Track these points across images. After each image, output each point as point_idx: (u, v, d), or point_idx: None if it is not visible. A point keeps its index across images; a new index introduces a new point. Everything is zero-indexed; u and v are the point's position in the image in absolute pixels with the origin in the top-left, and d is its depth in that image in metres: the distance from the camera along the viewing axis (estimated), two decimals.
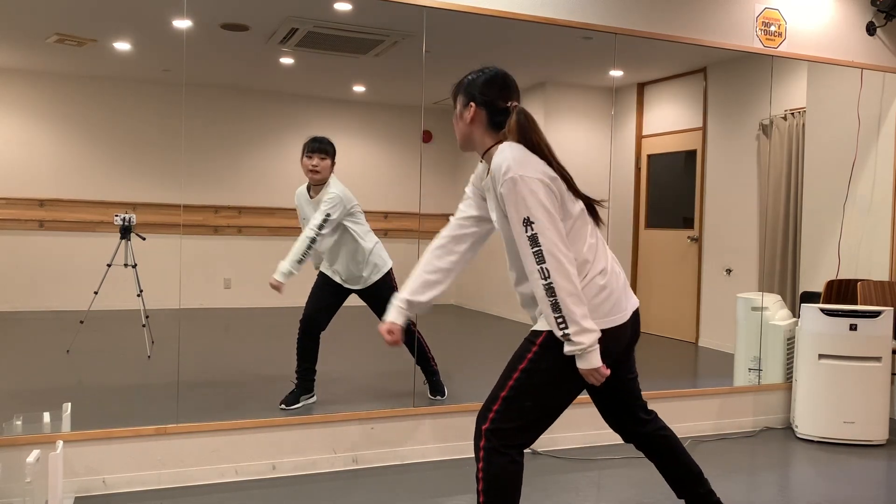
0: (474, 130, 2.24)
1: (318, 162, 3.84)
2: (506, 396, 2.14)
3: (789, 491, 3.40)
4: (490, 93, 2.22)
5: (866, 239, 4.76)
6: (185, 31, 3.49)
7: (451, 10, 3.58)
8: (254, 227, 5.88)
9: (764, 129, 5.12)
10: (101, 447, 3.09)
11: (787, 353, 4.44)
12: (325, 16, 4.50)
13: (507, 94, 2.23)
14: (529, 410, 2.14)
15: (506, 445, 2.13)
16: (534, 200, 2.03)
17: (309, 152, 3.87)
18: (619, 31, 3.92)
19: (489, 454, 2.12)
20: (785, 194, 5.08)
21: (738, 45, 4.20)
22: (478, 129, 2.24)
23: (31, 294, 5.36)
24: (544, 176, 2.07)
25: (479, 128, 2.23)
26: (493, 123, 2.21)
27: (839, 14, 4.46)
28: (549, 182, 2.07)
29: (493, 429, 2.13)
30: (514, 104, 2.21)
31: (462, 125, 2.27)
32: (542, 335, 2.15)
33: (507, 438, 2.13)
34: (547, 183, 2.06)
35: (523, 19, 3.71)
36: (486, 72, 2.27)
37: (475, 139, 2.25)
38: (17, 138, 5.36)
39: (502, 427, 2.13)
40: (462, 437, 3.70)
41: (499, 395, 2.15)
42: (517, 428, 2.14)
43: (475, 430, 2.18)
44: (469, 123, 2.24)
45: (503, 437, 2.13)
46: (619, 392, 2.37)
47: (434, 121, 6.22)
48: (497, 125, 2.20)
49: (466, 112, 2.24)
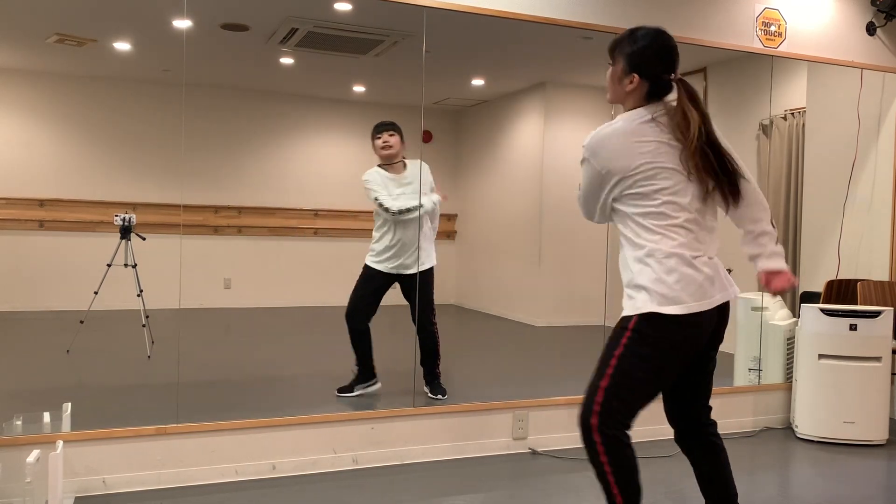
0: (629, 97, 2.23)
1: (387, 138, 4.03)
2: (607, 386, 2.14)
3: (789, 491, 3.40)
4: (658, 67, 2.20)
5: (866, 239, 4.76)
6: (185, 31, 3.49)
7: (451, 10, 3.57)
8: (254, 227, 5.88)
9: (764, 129, 5.13)
10: (101, 447, 3.09)
11: (787, 353, 4.45)
12: (325, 16, 4.50)
13: (672, 65, 2.21)
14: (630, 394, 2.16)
15: (619, 433, 2.15)
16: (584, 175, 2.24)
17: (379, 131, 4.05)
18: (619, 31, 3.92)
19: (609, 446, 2.13)
20: (785, 194, 5.09)
21: (738, 45, 4.20)
22: (633, 96, 2.22)
23: (31, 294, 5.36)
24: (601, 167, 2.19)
25: (635, 96, 2.22)
26: (651, 93, 2.21)
27: (839, 14, 4.46)
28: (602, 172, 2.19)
29: (602, 421, 2.13)
30: (675, 77, 2.20)
31: (620, 90, 2.25)
32: (633, 319, 2.16)
33: (616, 427, 2.14)
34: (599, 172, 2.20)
35: (523, 19, 3.71)
36: (655, 40, 2.23)
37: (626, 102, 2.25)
38: (17, 138, 5.36)
39: (609, 419, 2.14)
40: (462, 436, 3.70)
41: (599, 385, 2.15)
42: (622, 413, 2.15)
43: (582, 426, 2.17)
44: (627, 91, 2.23)
45: (613, 426, 2.14)
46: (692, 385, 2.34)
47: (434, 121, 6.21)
48: (653, 95, 2.21)
49: (627, 81, 2.21)
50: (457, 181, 6.56)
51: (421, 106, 3.90)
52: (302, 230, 5.99)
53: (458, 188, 6.54)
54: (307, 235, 6.00)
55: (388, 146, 4.03)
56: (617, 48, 2.27)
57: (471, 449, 3.71)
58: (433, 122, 5.24)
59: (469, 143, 6.52)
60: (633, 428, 2.21)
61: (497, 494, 3.22)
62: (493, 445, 3.75)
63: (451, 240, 6.35)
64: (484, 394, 3.99)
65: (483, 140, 6.52)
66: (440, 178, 5.63)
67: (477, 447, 3.72)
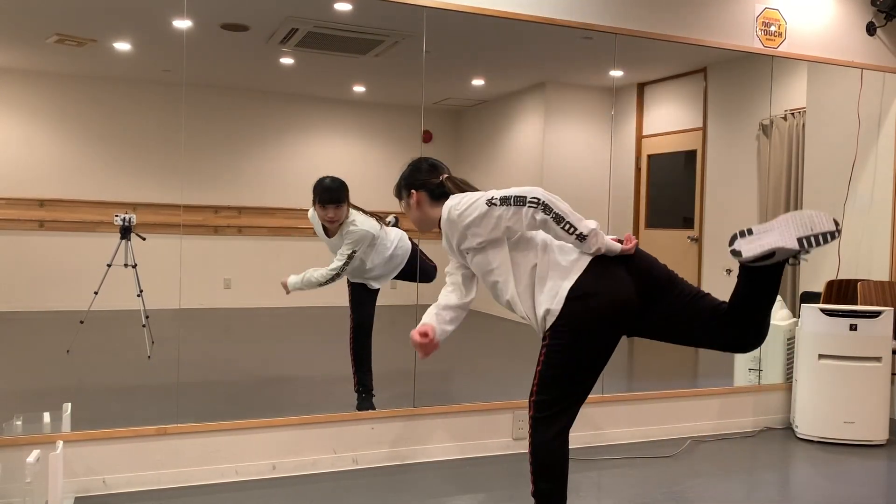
0: (424, 210, 2.59)
1: (333, 214, 3.73)
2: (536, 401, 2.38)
3: (789, 491, 3.40)
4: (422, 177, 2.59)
5: (866, 239, 4.76)
6: (185, 31, 3.49)
7: (451, 10, 3.57)
8: (254, 227, 5.88)
9: (764, 129, 5.12)
10: (101, 447, 3.09)
11: (787, 353, 4.44)
12: (325, 16, 4.50)
13: (436, 172, 2.60)
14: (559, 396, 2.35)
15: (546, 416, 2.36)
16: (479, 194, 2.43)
17: (323, 204, 3.72)
18: (619, 31, 3.92)
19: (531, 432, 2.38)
20: (785, 194, 5.08)
21: (738, 45, 4.20)
22: (425, 207, 2.58)
23: (31, 294, 5.36)
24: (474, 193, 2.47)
25: (426, 206, 2.58)
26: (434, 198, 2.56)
27: (839, 14, 4.45)
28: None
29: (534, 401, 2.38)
30: (444, 177, 2.58)
31: (413, 212, 2.62)
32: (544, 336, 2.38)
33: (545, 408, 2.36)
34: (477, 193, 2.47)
35: (523, 19, 3.71)
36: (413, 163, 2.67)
37: (428, 216, 2.59)
38: (17, 138, 5.36)
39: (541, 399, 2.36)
40: (462, 436, 3.70)
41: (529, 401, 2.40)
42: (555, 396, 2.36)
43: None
44: (417, 208, 2.59)
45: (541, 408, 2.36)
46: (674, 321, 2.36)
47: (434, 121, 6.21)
48: (438, 197, 2.55)
49: (412, 199, 2.60)
50: None
51: (421, 106, 3.89)
52: (302, 230, 5.98)
53: None
54: (307, 235, 5.99)
55: (334, 221, 3.76)
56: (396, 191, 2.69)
57: (471, 449, 3.70)
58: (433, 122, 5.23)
59: (469, 143, 6.52)
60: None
61: (497, 494, 3.22)
62: (493, 445, 3.75)
63: None
64: (484, 394, 3.99)
65: (483, 140, 6.52)
66: None
67: (477, 447, 3.72)
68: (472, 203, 2.38)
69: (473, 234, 2.39)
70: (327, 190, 3.71)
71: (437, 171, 2.61)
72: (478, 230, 2.38)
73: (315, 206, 3.79)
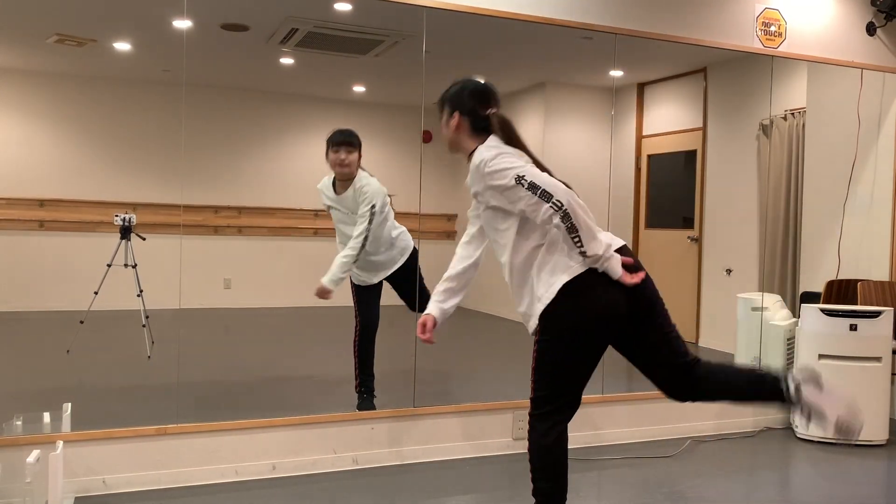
0: (460, 136, 2.48)
1: (345, 156, 3.75)
2: (533, 398, 2.38)
3: (789, 491, 3.40)
4: (471, 102, 2.46)
5: (866, 239, 4.76)
6: (185, 31, 3.49)
7: (451, 10, 3.57)
8: (254, 227, 5.88)
9: (764, 129, 5.12)
10: (101, 447, 3.09)
11: (787, 353, 4.44)
12: (325, 16, 4.50)
13: (487, 102, 2.46)
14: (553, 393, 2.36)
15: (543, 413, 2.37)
16: (517, 164, 2.32)
17: (335, 146, 3.76)
18: (619, 31, 3.92)
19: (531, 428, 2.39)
20: (785, 194, 5.08)
21: (738, 45, 4.20)
22: (462, 134, 2.47)
23: (31, 294, 5.36)
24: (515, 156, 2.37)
25: (463, 134, 2.47)
26: (476, 129, 2.45)
27: (839, 14, 4.46)
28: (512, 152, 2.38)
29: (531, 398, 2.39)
30: (493, 111, 2.45)
31: (448, 132, 2.51)
32: (536, 330, 2.37)
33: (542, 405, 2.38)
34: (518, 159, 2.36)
35: (523, 19, 3.71)
36: (467, 83, 2.52)
37: (461, 144, 2.49)
38: (17, 138, 5.36)
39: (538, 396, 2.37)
40: (462, 437, 3.70)
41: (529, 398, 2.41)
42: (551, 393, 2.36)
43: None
44: (454, 131, 2.48)
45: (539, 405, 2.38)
46: (649, 351, 2.41)
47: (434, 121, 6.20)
48: (479, 130, 2.45)
49: (451, 121, 2.47)
50: (457, 181, 6.55)
51: (421, 106, 3.89)
52: (302, 230, 5.99)
53: (457, 188, 6.54)
54: (307, 235, 6.00)
55: (345, 165, 3.76)
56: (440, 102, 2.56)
57: (471, 449, 3.70)
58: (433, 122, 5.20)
59: None
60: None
61: (497, 494, 3.22)
62: (493, 445, 3.75)
63: (451, 240, 6.34)
64: (484, 394, 3.99)
65: None
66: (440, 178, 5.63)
67: (477, 447, 3.71)
68: (503, 170, 2.29)
69: (492, 195, 2.34)
70: (341, 132, 3.79)
71: (487, 101, 2.46)
72: (498, 196, 2.33)
73: (328, 154, 3.81)
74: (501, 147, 2.38)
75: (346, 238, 3.83)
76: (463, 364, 5.01)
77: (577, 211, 2.23)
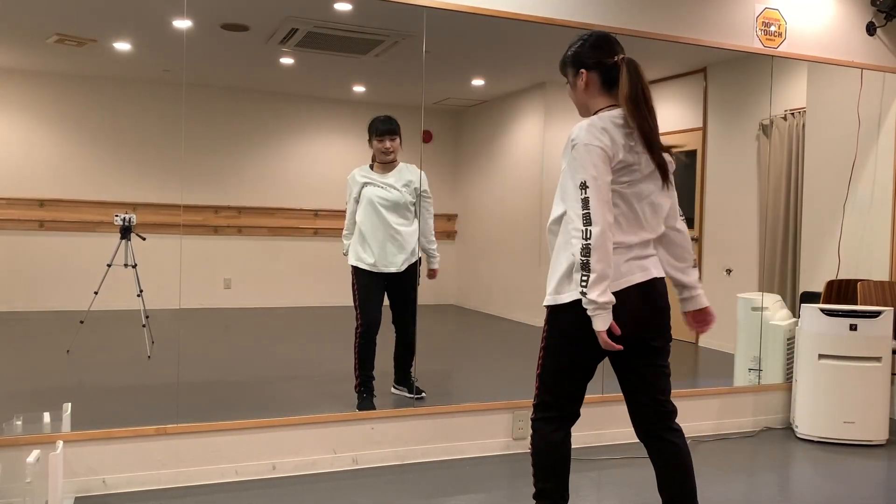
0: (589, 97, 2.33)
1: (390, 143, 3.96)
2: (536, 403, 2.40)
3: (789, 491, 3.40)
4: (597, 54, 2.30)
5: (866, 239, 4.76)
6: (185, 31, 3.49)
7: (451, 10, 3.57)
8: (254, 227, 5.88)
9: (764, 129, 5.12)
10: (101, 447, 3.09)
11: (787, 353, 4.44)
12: (325, 16, 4.50)
13: (611, 50, 2.30)
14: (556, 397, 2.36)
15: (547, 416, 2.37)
16: (592, 167, 2.15)
17: (380, 134, 3.97)
18: (619, 31, 3.92)
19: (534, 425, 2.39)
20: (785, 194, 5.08)
21: (738, 45, 4.20)
22: (592, 93, 2.32)
23: (31, 294, 5.36)
24: (609, 148, 2.19)
25: (593, 91, 2.32)
26: (606, 82, 2.29)
27: (839, 14, 4.46)
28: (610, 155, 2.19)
29: (535, 403, 2.39)
30: (621, 57, 2.28)
31: (578, 94, 2.35)
32: (547, 311, 2.34)
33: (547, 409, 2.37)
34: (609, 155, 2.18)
35: (523, 19, 3.71)
36: (585, 38, 2.34)
37: (590, 106, 2.33)
38: (17, 138, 5.36)
39: (543, 400, 2.38)
40: (462, 436, 3.70)
41: (536, 375, 2.39)
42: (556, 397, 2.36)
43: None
44: (585, 90, 2.32)
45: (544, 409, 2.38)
46: (636, 377, 2.35)
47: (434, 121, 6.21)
48: (610, 83, 2.29)
49: (579, 80, 2.32)
50: (457, 181, 6.56)
51: (421, 106, 3.90)
52: (302, 230, 5.99)
53: (458, 188, 6.54)
54: (307, 235, 6.00)
55: (390, 152, 3.99)
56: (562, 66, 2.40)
57: (471, 449, 3.71)
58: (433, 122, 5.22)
59: (469, 143, 6.52)
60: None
61: (497, 494, 3.22)
62: (493, 445, 3.75)
63: (451, 240, 6.35)
64: (484, 394, 3.99)
65: (483, 140, 6.52)
66: (441, 178, 5.64)
67: (477, 447, 3.72)
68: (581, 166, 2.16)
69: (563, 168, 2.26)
70: (384, 121, 3.98)
71: (612, 49, 2.30)
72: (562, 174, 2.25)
73: (372, 141, 4.00)
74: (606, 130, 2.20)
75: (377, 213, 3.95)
76: (463, 364, 5.01)
77: (601, 254, 2.12)
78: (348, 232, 4.05)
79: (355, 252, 4.00)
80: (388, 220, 3.94)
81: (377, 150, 4.00)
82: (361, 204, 3.98)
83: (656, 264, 2.33)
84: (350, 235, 4.04)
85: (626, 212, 2.25)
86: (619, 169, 2.21)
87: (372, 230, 3.95)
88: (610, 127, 2.22)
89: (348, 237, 4.05)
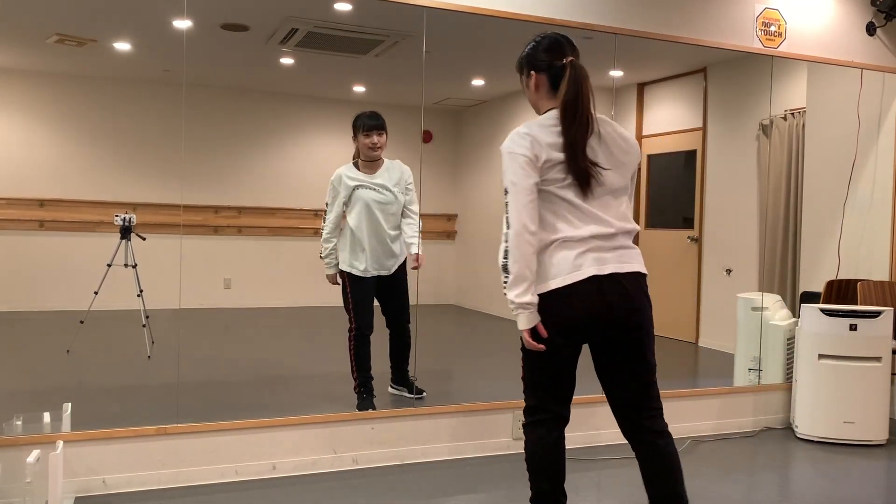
0: (538, 98, 2.36)
1: (377, 139, 3.88)
2: (524, 408, 2.39)
3: (789, 491, 3.40)
4: (547, 57, 2.32)
5: (866, 239, 4.76)
6: (185, 31, 3.49)
7: (451, 10, 3.58)
8: (254, 227, 5.87)
9: (764, 129, 5.12)
10: (101, 447, 3.09)
11: (787, 353, 4.44)
12: (325, 16, 4.50)
13: (562, 52, 2.31)
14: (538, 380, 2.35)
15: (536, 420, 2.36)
16: (511, 173, 2.19)
17: (367, 130, 3.88)
18: (619, 31, 3.92)
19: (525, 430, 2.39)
20: (785, 194, 5.08)
21: (738, 45, 4.20)
22: (541, 94, 2.35)
23: (31, 294, 5.36)
24: (529, 152, 2.19)
25: (542, 93, 2.35)
26: (554, 85, 2.31)
27: (839, 14, 4.46)
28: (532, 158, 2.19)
29: (524, 408, 2.39)
30: (569, 60, 2.28)
31: (530, 95, 2.39)
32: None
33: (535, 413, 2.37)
34: (530, 159, 2.19)
35: (523, 19, 3.71)
36: (539, 40, 2.37)
37: (540, 106, 2.36)
38: (17, 138, 5.36)
39: (530, 405, 2.38)
40: (462, 436, 3.70)
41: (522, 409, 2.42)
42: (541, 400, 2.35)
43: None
44: (535, 91, 2.36)
45: (532, 413, 2.37)
46: (607, 377, 2.34)
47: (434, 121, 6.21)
48: (557, 85, 2.29)
49: (530, 82, 2.36)
50: (457, 181, 6.56)
51: (421, 106, 3.90)
52: (302, 230, 5.99)
53: (458, 188, 6.54)
54: (307, 235, 6.00)
55: (377, 148, 3.90)
56: (518, 67, 2.42)
57: (471, 449, 3.71)
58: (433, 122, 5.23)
59: (469, 143, 6.52)
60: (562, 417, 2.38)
61: (497, 494, 3.22)
62: (493, 445, 3.75)
63: (451, 240, 6.34)
64: (484, 394, 3.99)
65: (483, 140, 6.52)
66: (440, 178, 5.64)
67: (477, 447, 3.72)
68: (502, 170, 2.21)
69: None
70: (371, 116, 3.90)
71: (562, 52, 2.30)
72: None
73: (358, 137, 3.91)
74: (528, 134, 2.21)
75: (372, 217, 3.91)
76: (463, 364, 5.01)
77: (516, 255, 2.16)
78: (330, 235, 3.98)
79: (346, 258, 3.95)
80: (383, 224, 3.91)
81: (363, 146, 3.89)
82: (354, 207, 3.91)
83: (624, 258, 2.25)
84: (332, 239, 3.97)
85: (569, 207, 2.23)
86: (550, 167, 2.20)
87: (366, 235, 3.90)
88: (535, 130, 2.22)
89: (330, 241, 3.98)
